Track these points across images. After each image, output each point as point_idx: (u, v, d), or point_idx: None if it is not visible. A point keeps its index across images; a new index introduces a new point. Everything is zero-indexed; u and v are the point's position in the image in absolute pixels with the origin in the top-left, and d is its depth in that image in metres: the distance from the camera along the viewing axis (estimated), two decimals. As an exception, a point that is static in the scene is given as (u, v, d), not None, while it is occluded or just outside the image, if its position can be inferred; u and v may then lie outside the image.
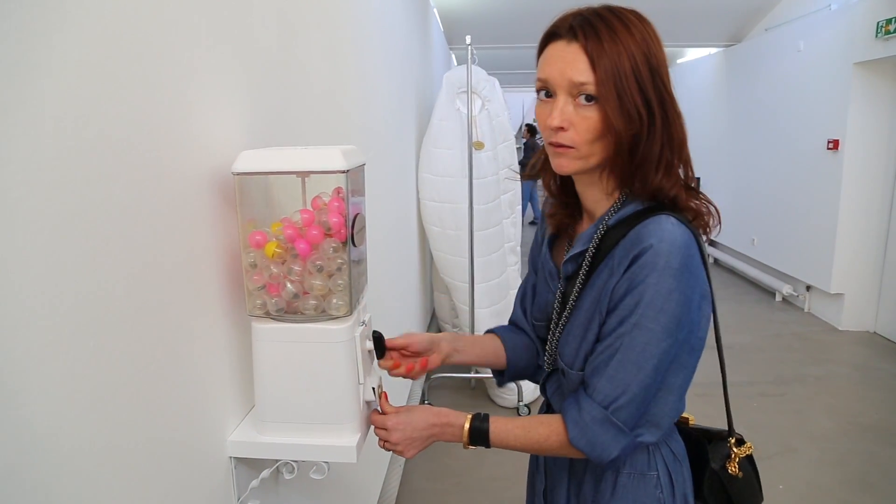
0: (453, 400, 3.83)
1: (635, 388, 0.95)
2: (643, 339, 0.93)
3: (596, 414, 0.96)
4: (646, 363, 0.94)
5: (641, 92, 0.91)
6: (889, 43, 4.23)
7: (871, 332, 4.92)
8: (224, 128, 0.99)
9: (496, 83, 3.96)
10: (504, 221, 3.94)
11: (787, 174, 5.52)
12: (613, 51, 0.90)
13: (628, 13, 0.95)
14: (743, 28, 6.51)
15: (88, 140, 0.65)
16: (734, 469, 1.13)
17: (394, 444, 1.04)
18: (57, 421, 0.62)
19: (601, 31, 0.91)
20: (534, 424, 1.02)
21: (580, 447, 0.97)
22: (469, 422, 1.03)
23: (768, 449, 3.19)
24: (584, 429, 0.97)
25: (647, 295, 0.92)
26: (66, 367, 0.62)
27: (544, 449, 1.02)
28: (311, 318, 0.98)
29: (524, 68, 9.59)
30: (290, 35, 1.32)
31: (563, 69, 0.93)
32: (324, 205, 0.97)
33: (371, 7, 2.27)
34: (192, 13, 0.88)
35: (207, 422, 0.95)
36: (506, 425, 1.03)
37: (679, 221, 0.94)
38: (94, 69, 0.66)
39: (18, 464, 0.56)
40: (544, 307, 1.15)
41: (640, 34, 0.92)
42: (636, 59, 0.91)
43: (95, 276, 0.67)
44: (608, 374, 0.95)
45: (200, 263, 0.91)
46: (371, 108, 2.26)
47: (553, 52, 0.95)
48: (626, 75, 0.90)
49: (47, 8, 0.59)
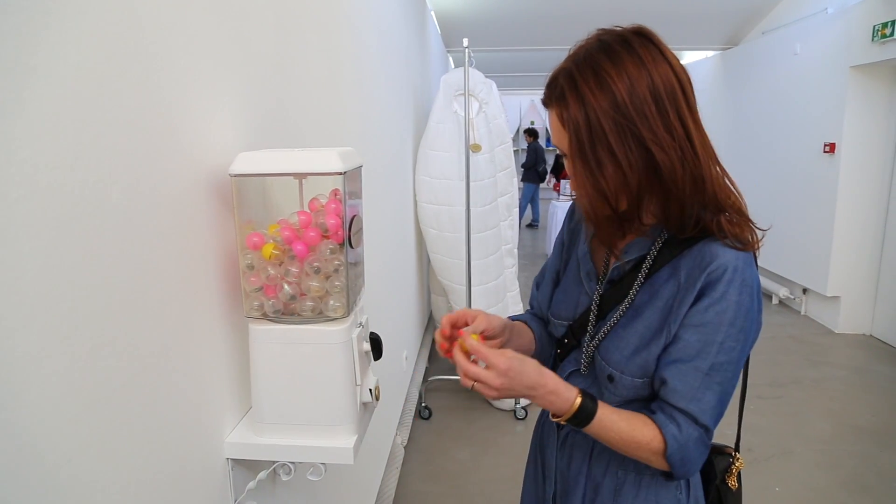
0: (451, 402, 3.83)
1: (723, 408, 0.98)
2: (730, 359, 0.95)
3: (694, 434, 0.96)
4: (731, 382, 0.97)
5: (622, 140, 0.90)
6: (885, 47, 4.24)
7: (868, 334, 4.94)
8: (221, 129, 0.99)
9: (493, 86, 3.97)
10: (501, 224, 3.95)
11: (784, 177, 5.54)
12: (577, 110, 0.91)
13: (617, 47, 0.92)
14: (740, 31, 6.54)
15: (85, 143, 0.65)
16: (734, 483, 1.14)
17: (494, 388, 0.94)
18: (53, 422, 0.62)
19: (567, 92, 0.92)
20: (638, 424, 0.98)
21: (672, 462, 0.96)
22: (581, 398, 0.96)
23: (765, 451, 3.20)
24: (683, 447, 0.96)
25: (730, 313, 0.94)
26: (62, 368, 0.63)
27: (637, 450, 0.98)
28: (308, 319, 0.98)
29: (521, 71, 9.61)
30: (287, 37, 1.33)
31: (555, 137, 0.97)
32: (321, 206, 0.97)
33: (368, 10, 2.28)
34: (190, 16, 0.89)
35: (204, 423, 0.95)
36: (611, 415, 0.97)
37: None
38: (91, 72, 0.66)
39: (16, 466, 0.56)
40: (573, 306, 1.13)
41: (628, 71, 0.89)
42: (603, 111, 0.89)
43: (92, 278, 0.67)
44: (699, 396, 0.95)
45: (197, 265, 0.92)
46: (368, 111, 2.26)
47: (550, 122, 0.99)
48: (593, 130, 0.90)
49: (43, 11, 0.59)
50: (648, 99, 0.89)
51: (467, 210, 3.49)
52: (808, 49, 5.17)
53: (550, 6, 5.72)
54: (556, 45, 6.90)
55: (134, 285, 0.75)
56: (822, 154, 4.94)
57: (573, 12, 5.70)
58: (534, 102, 14.52)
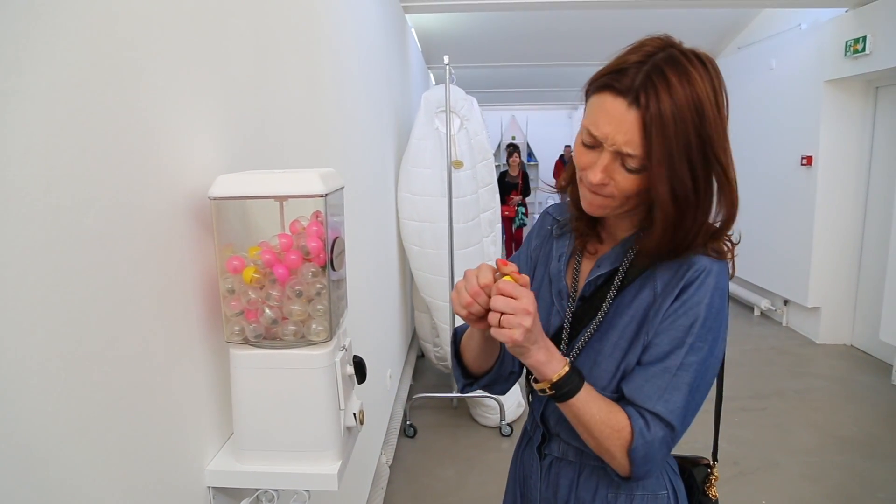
0: (436, 419, 3.80)
1: (693, 409, 0.97)
2: (699, 360, 0.95)
3: (660, 433, 0.95)
4: (700, 385, 0.96)
5: (691, 171, 0.88)
6: (857, 61, 4.33)
7: (848, 344, 4.99)
8: (200, 151, 0.97)
9: (474, 102, 3.98)
10: (484, 240, 3.95)
11: (763, 190, 5.60)
12: (671, 130, 0.85)
13: (694, 63, 0.88)
14: (716, 46, 6.64)
15: (60, 166, 0.64)
16: (714, 493, 1.14)
17: (522, 308, 0.89)
18: (29, 453, 0.60)
19: (663, 102, 0.85)
20: (615, 411, 0.96)
21: (635, 458, 0.94)
22: (569, 367, 0.95)
23: (750, 464, 3.20)
24: (649, 444, 0.94)
25: (701, 314, 0.95)
26: (38, 396, 0.61)
27: (608, 438, 0.95)
28: (290, 343, 0.96)
29: (502, 87, 9.68)
30: (267, 57, 1.32)
31: (615, 135, 0.88)
32: (302, 229, 0.96)
33: (348, 29, 2.28)
34: (168, 37, 0.87)
35: (185, 451, 0.93)
36: (592, 394, 0.96)
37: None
38: (68, 93, 0.65)
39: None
40: (545, 325, 1.09)
41: (702, 90, 0.87)
42: (691, 135, 0.86)
43: (67, 305, 0.65)
44: (667, 397, 0.95)
45: (176, 289, 0.90)
46: (350, 129, 2.26)
47: (608, 109, 0.89)
48: (678, 158, 0.87)
49: (19, 32, 0.58)
50: (718, 117, 0.89)
51: (450, 226, 3.49)
52: (784, 64, 5.26)
53: (530, 23, 5.77)
54: (536, 62, 6.98)
55: (110, 311, 0.73)
56: (800, 167, 5.01)
57: (552, 29, 5.76)
58: (514, 118, 14.61)
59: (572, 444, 1.09)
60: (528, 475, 1.18)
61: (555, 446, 1.12)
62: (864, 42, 4.20)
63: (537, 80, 9.15)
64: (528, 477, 1.18)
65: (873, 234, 4.71)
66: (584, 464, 1.08)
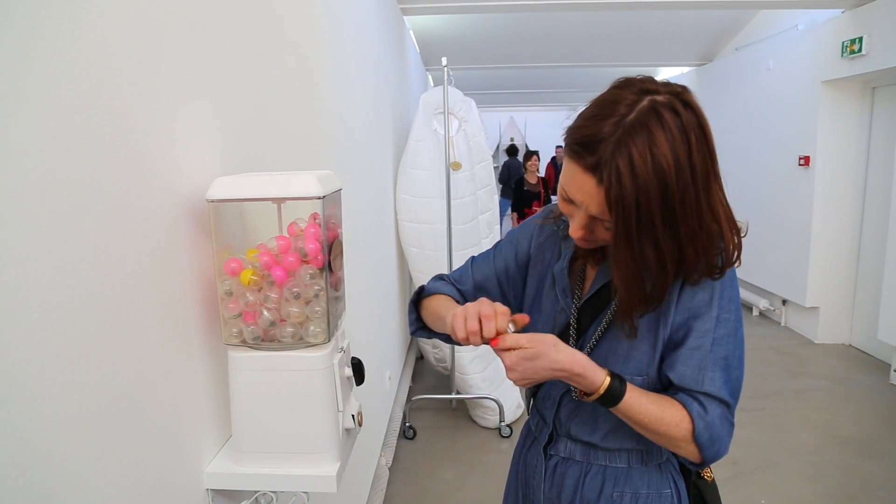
0: (435, 421, 3.80)
1: (738, 381, 1.00)
2: (728, 331, 0.99)
3: (717, 410, 0.97)
4: (736, 355, 1.00)
5: (654, 245, 0.89)
6: (854, 62, 4.34)
7: (847, 344, 4.99)
8: (198, 154, 0.98)
9: (473, 104, 3.99)
10: (482, 241, 3.95)
11: (761, 190, 5.61)
12: (632, 213, 0.86)
13: (664, 121, 0.86)
14: (714, 47, 6.65)
15: (59, 170, 0.64)
16: (709, 475, 1.15)
17: (513, 377, 0.95)
18: (26, 455, 0.60)
19: (625, 185, 0.85)
20: (667, 405, 0.98)
21: (702, 442, 0.96)
22: (609, 379, 0.96)
23: (750, 464, 3.20)
24: (710, 426, 0.96)
25: (717, 287, 0.99)
26: (36, 398, 0.61)
27: (667, 432, 0.97)
28: (288, 345, 0.96)
29: (500, 88, 9.69)
30: (265, 60, 1.32)
31: (588, 204, 0.91)
32: (300, 231, 0.96)
33: (347, 31, 2.28)
34: (165, 40, 0.88)
35: (183, 453, 0.93)
36: (640, 398, 0.98)
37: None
38: (65, 97, 0.65)
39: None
40: (551, 323, 1.13)
41: (668, 158, 0.85)
42: (655, 212, 0.86)
43: (66, 307, 0.65)
44: (711, 375, 0.98)
45: (175, 292, 0.90)
46: (348, 131, 2.26)
47: (579, 183, 0.91)
48: (637, 237, 0.88)
49: (14, 36, 0.58)
50: (689, 182, 0.87)
51: (448, 228, 3.49)
52: (781, 65, 5.27)
53: (528, 24, 5.78)
54: (534, 63, 6.98)
55: (109, 313, 0.73)
56: (798, 167, 5.02)
57: (550, 30, 5.76)
58: (513, 119, 14.63)
59: (580, 441, 1.10)
60: (532, 476, 1.18)
61: (561, 446, 1.13)
62: (860, 43, 4.21)
63: (535, 82, 9.17)
64: (531, 478, 1.18)
65: (871, 234, 4.71)
66: (591, 463, 1.09)
